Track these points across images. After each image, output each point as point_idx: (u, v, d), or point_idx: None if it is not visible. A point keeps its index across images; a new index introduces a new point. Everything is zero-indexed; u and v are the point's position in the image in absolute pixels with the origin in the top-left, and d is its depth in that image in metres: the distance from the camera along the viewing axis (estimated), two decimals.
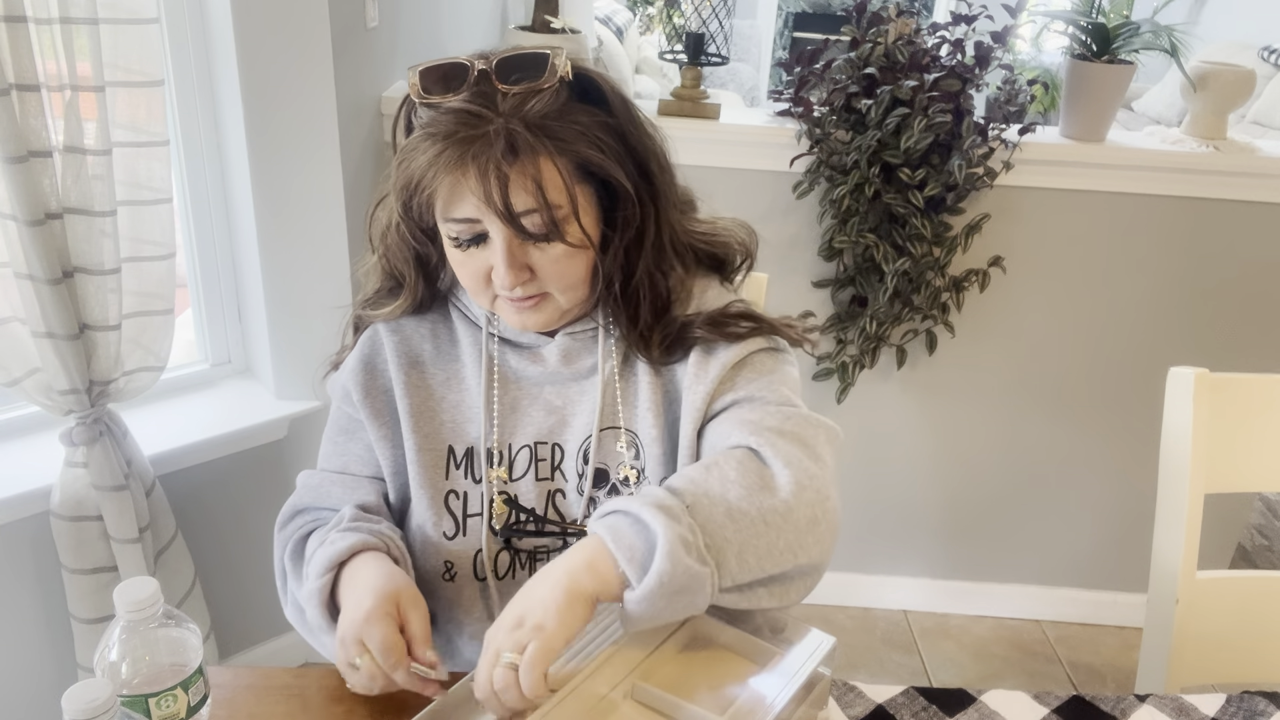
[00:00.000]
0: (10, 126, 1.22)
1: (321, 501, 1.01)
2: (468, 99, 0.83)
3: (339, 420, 1.03)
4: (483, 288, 0.90)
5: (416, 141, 0.85)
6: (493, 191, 0.82)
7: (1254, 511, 2.51)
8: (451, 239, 0.88)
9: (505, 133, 0.82)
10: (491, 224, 0.85)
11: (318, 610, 0.88)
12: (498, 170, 0.81)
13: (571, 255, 0.88)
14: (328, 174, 1.64)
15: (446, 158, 0.83)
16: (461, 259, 0.89)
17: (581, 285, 0.92)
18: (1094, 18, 1.82)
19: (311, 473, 1.03)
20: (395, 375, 0.98)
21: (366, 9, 1.70)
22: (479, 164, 0.82)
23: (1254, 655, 1.19)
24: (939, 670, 2.10)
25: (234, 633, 1.87)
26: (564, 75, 0.85)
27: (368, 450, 1.00)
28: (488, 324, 0.99)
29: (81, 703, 0.64)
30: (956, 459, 2.14)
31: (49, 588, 1.54)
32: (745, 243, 1.03)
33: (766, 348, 0.95)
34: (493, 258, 0.87)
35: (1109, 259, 1.95)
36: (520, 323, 0.92)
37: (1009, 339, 2.02)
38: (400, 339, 1.00)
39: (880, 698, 0.90)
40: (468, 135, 0.82)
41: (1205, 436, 1.13)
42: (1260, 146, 1.88)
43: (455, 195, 0.85)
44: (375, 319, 1.01)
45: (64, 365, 1.36)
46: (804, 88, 1.83)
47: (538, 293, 0.90)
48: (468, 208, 0.85)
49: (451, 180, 0.84)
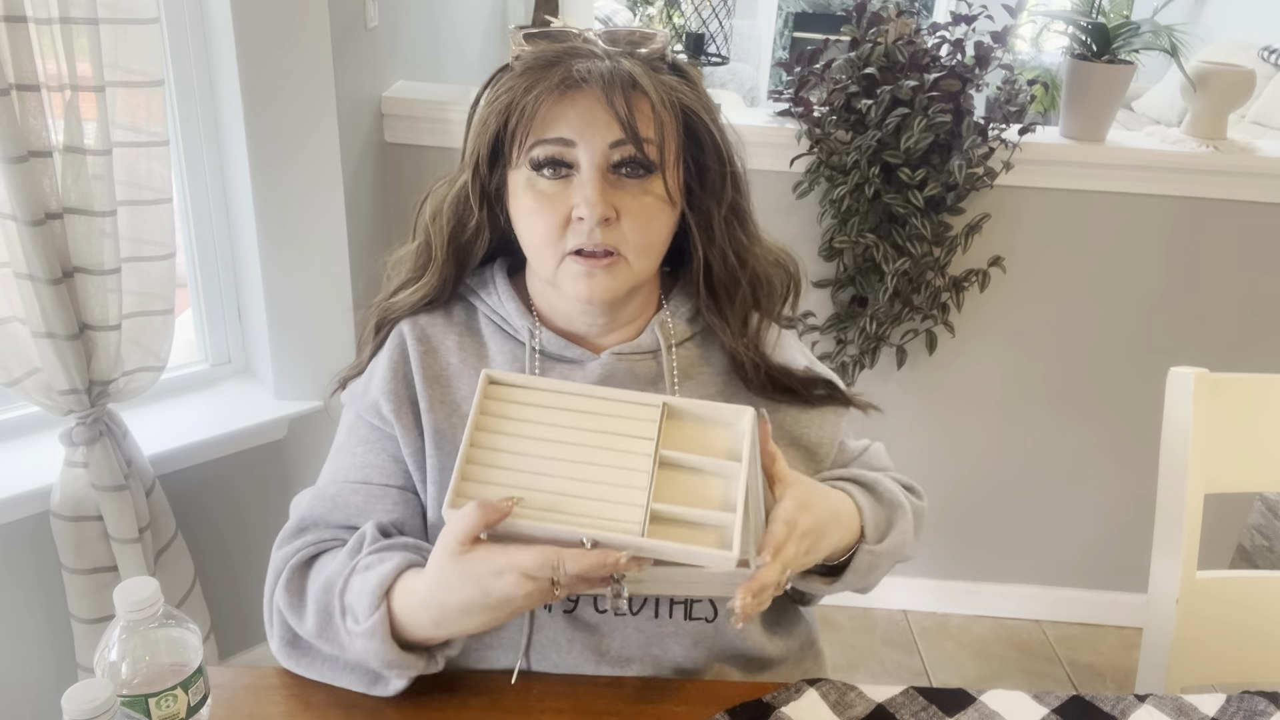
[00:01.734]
0: (10, 126, 1.22)
1: (334, 515, 0.91)
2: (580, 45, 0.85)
3: (359, 431, 0.95)
4: (556, 237, 0.85)
5: (514, 75, 0.85)
6: (616, 97, 0.80)
7: (1254, 511, 2.51)
8: (535, 168, 0.84)
9: (619, 65, 0.83)
10: (587, 149, 0.83)
11: (383, 644, 0.80)
12: (622, 84, 0.81)
13: (658, 209, 0.86)
14: (328, 174, 1.64)
15: (557, 74, 0.82)
16: (536, 204, 0.85)
17: (656, 251, 0.88)
18: (1094, 18, 1.82)
19: (325, 484, 0.94)
20: (420, 388, 0.92)
21: (366, 9, 1.70)
22: (601, 77, 0.81)
23: (1254, 655, 1.19)
24: (939, 670, 2.10)
25: (234, 633, 1.87)
26: (666, 49, 0.87)
27: (393, 461, 0.92)
28: (530, 337, 0.93)
29: (81, 703, 0.64)
30: (956, 459, 2.14)
31: (49, 588, 1.54)
32: (794, 274, 1.01)
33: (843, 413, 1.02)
34: (577, 193, 0.83)
35: (1109, 259, 1.95)
36: (589, 289, 0.86)
37: (1009, 339, 2.02)
38: (425, 349, 0.94)
39: (880, 698, 0.90)
40: (579, 61, 0.82)
41: (1205, 436, 1.13)
42: (1260, 146, 1.88)
43: (552, 115, 0.83)
44: (398, 310, 0.96)
45: (64, 365, 1.36)
46: (804, 88, 1.83)
47: (615, 249, 0.85)
48: (563, 127, 0.83)
49: (553, 100, 0.82)
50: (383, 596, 0.80)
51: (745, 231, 0.94)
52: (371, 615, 0.79)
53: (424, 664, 0.83)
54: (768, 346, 0.97)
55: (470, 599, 0.75)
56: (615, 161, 0.84)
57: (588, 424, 0.80)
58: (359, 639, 0.81)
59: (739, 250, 0.93)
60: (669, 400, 0.82)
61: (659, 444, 0.79)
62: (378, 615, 0.79)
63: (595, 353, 0.94)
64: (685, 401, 0.82)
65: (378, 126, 1.81)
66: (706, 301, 0.95)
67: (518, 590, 0.72)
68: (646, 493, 0.77)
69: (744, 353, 0.94)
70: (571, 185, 0.84)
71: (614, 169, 0.84)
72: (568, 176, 0.84)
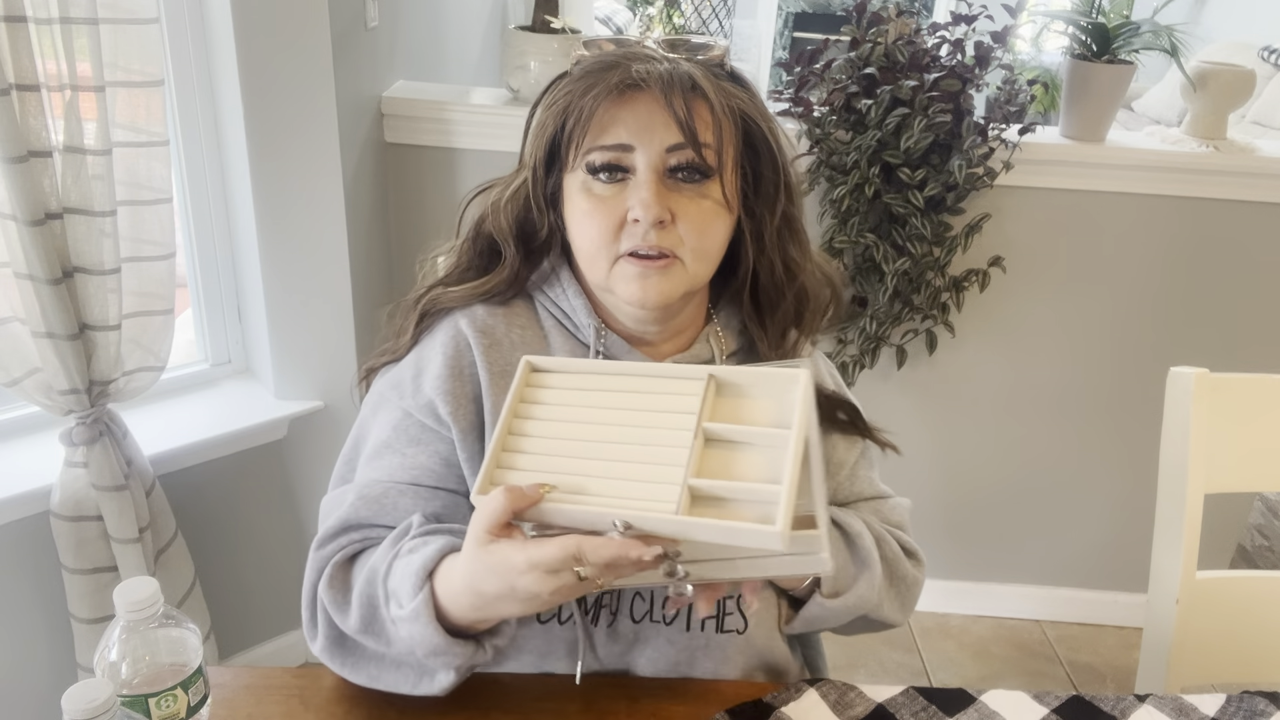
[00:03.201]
0: (10, 126, 1.22)
1: (381, 518, 0.86)
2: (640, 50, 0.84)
3: (408, 430, 0.89)
4: (610, 240, 0.83)
5: (573, 79, 0.84)
6: (676, 99, 0.80)
7: (1254, 511, 2.51)
8: (590, 173, 0.83)
9: (679, 67, 0.82)
10: (645, 152, 0.82)
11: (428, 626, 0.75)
12: (682, 86, 0.80)
13: (715, 213, 0.85)
14: (328, 174, 1.64)
15: (615, 75, 0.81)
16: (591, 207, 0.84)
17: (712, 256, 0.87)
18: (1094, 18, 1.82)
19: (369, 484, 0.88)
20: (486, 384, 0.88)
21: (366, 9, 1.70)
22: (660, 79, 0.80)
23: (1254, 655, 1.19)
24: (939, 670, 2.10)
25: (234, 633, 1.87)
26: (724, 57, 0.86)
27: (445, 464, 0.88)
28: (596, 338, 0.90)
29: (81, 703, 0.64)
30: (956, 458, 2.14)
31: (49, 588, 1.54)
32: (837, 292, 0.98)
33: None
34: (632, 196, 0.82)
35: (1109, 259, 1.95)
36: (642, 291, 0.84)
37: (1009, 339, 2.02)
38: (490, 343, 0.89)
39: (880, 697, 0.90)
40: (639, 65, 0.81)
41: (1205, 436, 1.13)
42: (1260, 146, 1.88)
43: (609, 118, 0.82)
44: (454, 300, 0.92)
45: (64, 365, 1.36)
46: (804, 88, 1.83)
47: (670, 251, 0.83)
48: (621, 130, 0.82)
49: (610, 102, 0.81)
50: (426, 579, 0.76)
51: (796, 243, 0.92)
52: (415, 597, 0.76)
53: (471, 651, 0.78)
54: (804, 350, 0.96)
55: (500, 592, 0.71)
56: (672, 165, 0.83)
57: (629, 403, 0.75)
58: (404, 624, 0.77)
59: (788, 262, 0.92)
60: (715, 371, 0.75)
61: (701, 418, 0.72)
62: (421, 597, 0.75)
63: (656, 360, 0.92)
64: (733, 370, 0.75)
65: (378, 126, 1.81)
66: (750, 311, 0.94)
67: (542, 587, 0.68)
68: (685, 469, 0.70)
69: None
70: (627, 188, 0.83)
71: (670, 173, 0.83)
72: (623, 180, 0.83)
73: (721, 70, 0.86)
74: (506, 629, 0.82)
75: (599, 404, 0.76)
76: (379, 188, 1.85)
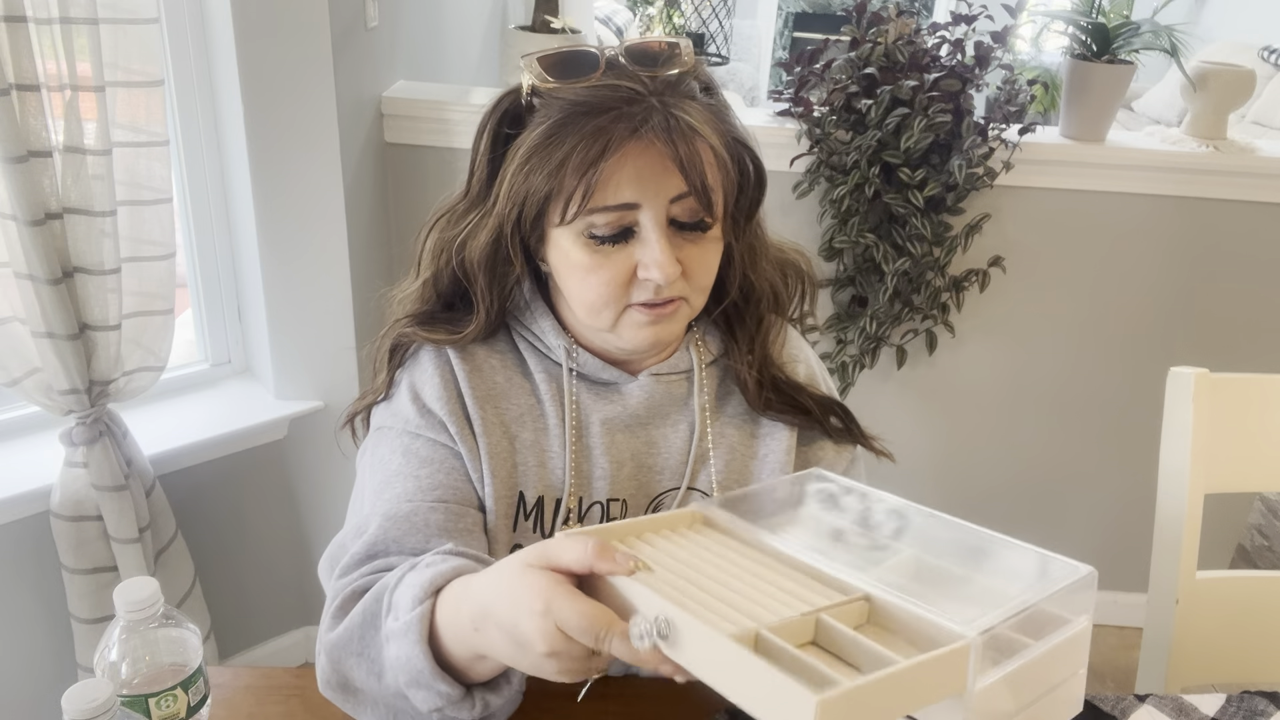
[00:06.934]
0: (10, 126, 1.22)
1: (411, 537, 0.80)
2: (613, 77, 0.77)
3: (418, 452, 0.86)
4: (617, 295, 0.81)
5: (556, 124, 0.77)
6: (686, 159, 0.75)
7: (1254, 511, 2.51)
8: (592, 238, 0.79)
9: (668, 110, 0.76)
10: (650, 208, 0.78)
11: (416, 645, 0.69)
12: (686, 140, 0.76)
13: (715, 249, 0.83)
14: (328, 174, 1.64)
15: (613, 133, 0.75)
16: (593, 264, 0.80)
17: (710, 287, 0.85)
18: (1094, 18, 1.82)
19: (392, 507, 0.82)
20: (473, 408, 0.87)
21: (366, 9, 1.70)
22: (661, 131, 0.75)
23: (1254, 655, 1.19)
24: None
25: (234, 633, 1.87)
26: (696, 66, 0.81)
27: (465, 480, 0.86)
28: (567, 357, 0.89)
29: (81, 703, 0.64)
30: (956, 458, 2.14)
31: (49, 588, 1.54)
32: (806, 271, 0.97)
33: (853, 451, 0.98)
34: (642, 253, 0.79)
35: (1109, 259, 1.95)
36: (654, 336, 0.83)
37: (1009, 339, 2.02)
38: (472, 367, 0.89)
39: None
40: (632, 108, 0.75)
41: (1205, 436, 1.13)
42: (1260, 146, 1.88)
43: (611, 180, 0.76)
44: (428, 341, 0.89)
45: (64, 365, 1.36)
46: (804, 88, 1.83)
47: (678, 295, 0.82)
48: (626, 192, 0.77)
49: (611, 162, 0.76)
50: (431, 594, 0.70)
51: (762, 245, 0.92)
52: (414, 609, 0.70)
53: (458, 695, 0.70)
54: (775, 349, 0.96)
55: (501, 620, 0.63)
56: (674, 216, 0.80)
57: (770, 576, 0.66)
58: (393, 640, 0.71)
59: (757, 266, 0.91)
60: (874, 593, 0.63)
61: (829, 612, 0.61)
62: (419, 611, 0.69)
63: (632, 374, 0.91)
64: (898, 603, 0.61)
65: (378, 126, 1.81)
66: (720, 317, 0.94)
67: (541, 643, 0.60)
68: (775, 618, 0.59)
69: (746, 373, 0.92)
70: (632, 244, 0.80)
71: (673, 222, 0.80)
72: (628, 239, 0.80)
73: (695, 83, 0.81)
74: (507, 688, 0.74)
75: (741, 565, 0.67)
76: (379, 188, 1.85)
